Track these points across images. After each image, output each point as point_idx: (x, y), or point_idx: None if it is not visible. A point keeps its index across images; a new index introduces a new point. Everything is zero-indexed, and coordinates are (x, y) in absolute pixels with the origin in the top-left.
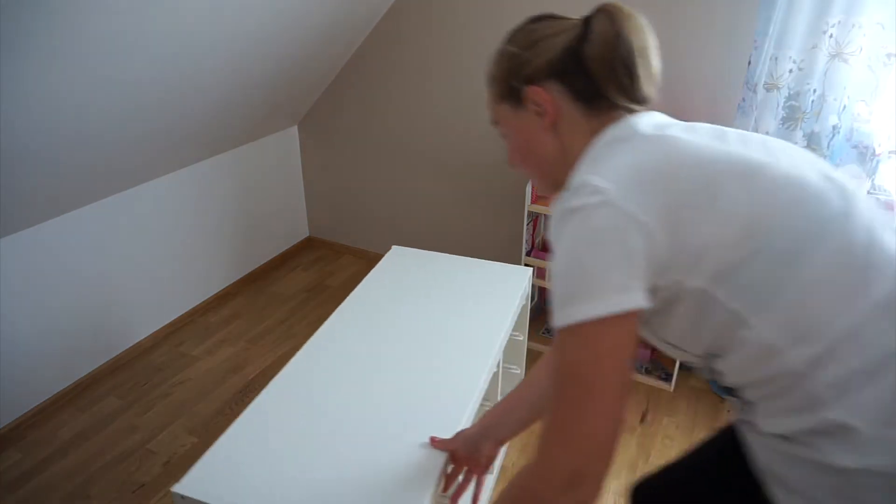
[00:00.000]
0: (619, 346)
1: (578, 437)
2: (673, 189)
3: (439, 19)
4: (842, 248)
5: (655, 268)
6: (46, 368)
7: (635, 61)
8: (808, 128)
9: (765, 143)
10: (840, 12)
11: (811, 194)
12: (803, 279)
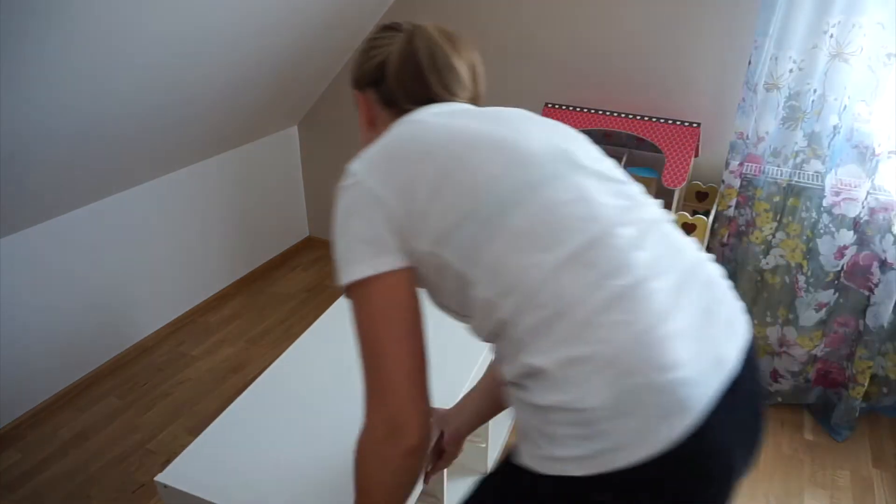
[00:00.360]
0: (389, 303)
1: (381, 390)
2: (410, 165)
3: (440, 18)
4: (544, 208)
5: (400, 236)
6: (46, 368)
7: (425, 74)
8: (808, 128)
9: (513, 118)
10: (840, 12)
11: (524, 161)
12: (505, 236)
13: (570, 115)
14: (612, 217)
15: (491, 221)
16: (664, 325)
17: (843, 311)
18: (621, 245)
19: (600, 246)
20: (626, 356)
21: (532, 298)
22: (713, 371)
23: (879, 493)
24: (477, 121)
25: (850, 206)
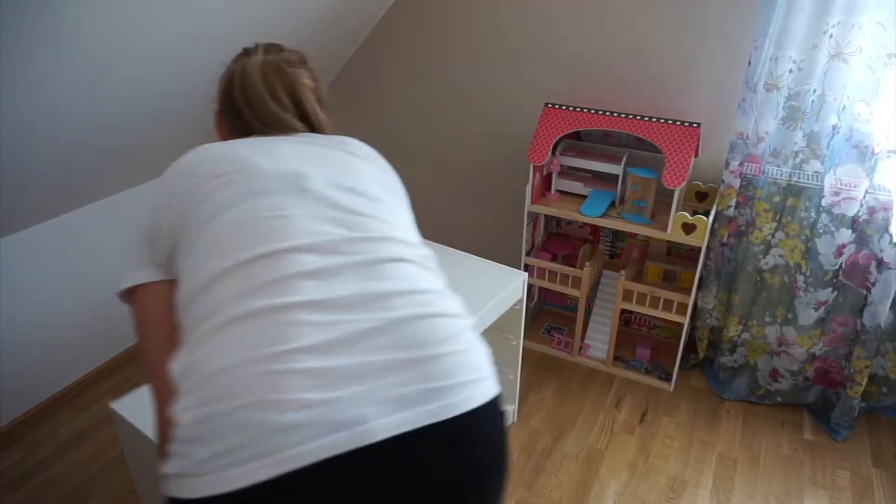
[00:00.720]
0: (145, 309)
1: (146, 364)
2: (179, 182)
3: (441, 18)
4: (239, 219)
5: (168, 246)
6: (46, 368)
7: (249, 100)
8: (807, 128)
9: (289, 151)
10: (840, 12)
11: (251, 177)
12: (202, 242)
13: (570, 115)
14: (308, 242)
15: (199, 230)
16: (295, 360)
17: (842, 311)
18: (294, 269)
19: (270, 264)
20: (223, 377)
21: (192, 301)
22: (345, 427)
23: (879, 493)
24: (251, 149)
25: (849, 206)
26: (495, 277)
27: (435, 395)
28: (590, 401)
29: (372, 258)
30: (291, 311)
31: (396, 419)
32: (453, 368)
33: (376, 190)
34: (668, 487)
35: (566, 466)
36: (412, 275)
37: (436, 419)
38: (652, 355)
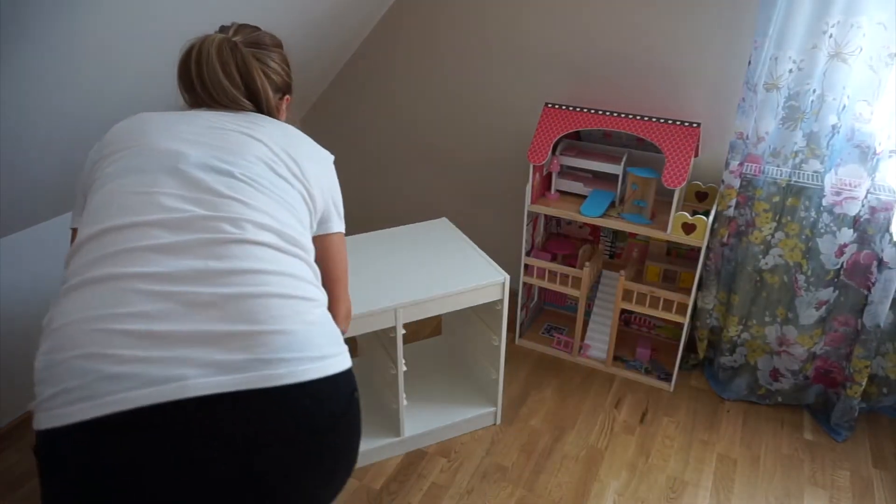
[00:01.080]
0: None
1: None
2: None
3: (441, 19)
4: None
5: None
6: None
7: (201, 74)
8: (807, 127)
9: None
10: (839, 13)
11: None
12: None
13: (570, 115)
14: (162, 218)
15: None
16: (125, 322)
17: (843, 310)
18: (143, 242)
19: (120, 235)
20: (66, 329)
21: (68, 261)
22: (163, 382)
23: (879, 493)
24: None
25: (850, 205)
26: (474, 271)
27: (256, 366)
28: (590, 401)
29: (221, 238)
30: (132, 280)
31: (215, 381)
32: (280, 345)
33: (258, 172)
34: (668, 487)
35: (566, 466)
36: (259, 256)
37: (252, 386)
38: (652, 355)
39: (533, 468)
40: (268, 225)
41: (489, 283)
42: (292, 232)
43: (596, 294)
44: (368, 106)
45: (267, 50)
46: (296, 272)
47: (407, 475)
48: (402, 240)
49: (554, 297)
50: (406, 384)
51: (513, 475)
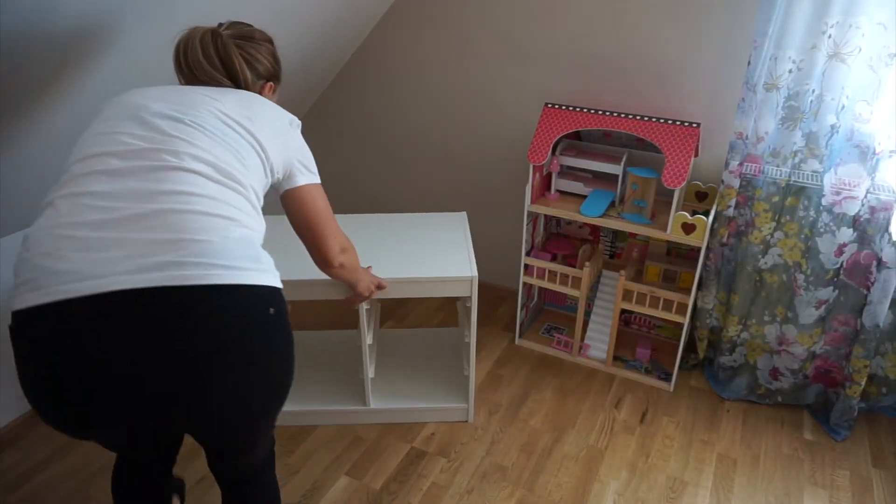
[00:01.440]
0: None
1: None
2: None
3: (441, 18)
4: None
5: None
6: None
7: (180, 62)
8: (806, 127)
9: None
10: (838, 13)
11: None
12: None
13: (570, 115)
14: (116, 150)
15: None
16: (74, 229)
17: (843, 310)
18: (99, 167)
19: (84, 163)
20: (35, 233)
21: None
22: (94, 278)
23: (879, 493)
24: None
25: (850, 205)
26: (450, 264)
27: (172, 267)
28: (590, 401)
29: (160, 165)
30: (85, 197)
31: (137, 278)
32: (196, 251)
33: (207, 120)
34: (668, 487)
35: (566, 466)
36: (190, 181)
37: (167, 283)
38: (652, 355)
39: (533, 468)
40: (203, 158)
41: (457, 277)
42: (229, 168)
43: (596, 294)
44: (368, 106)
45: (253, 42)
46: (222, 197)
47: (407, 475)
48: (405, 225)
49: (554, 297)
50: (388, 362)
51: (513, 475)
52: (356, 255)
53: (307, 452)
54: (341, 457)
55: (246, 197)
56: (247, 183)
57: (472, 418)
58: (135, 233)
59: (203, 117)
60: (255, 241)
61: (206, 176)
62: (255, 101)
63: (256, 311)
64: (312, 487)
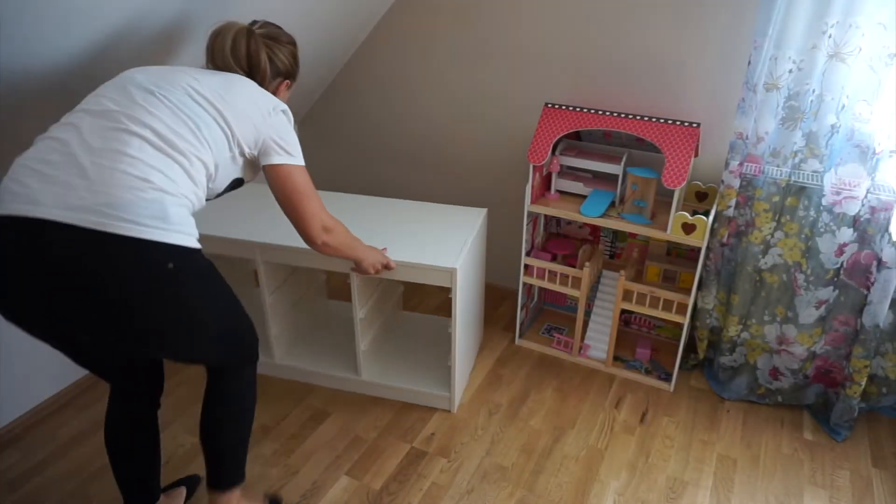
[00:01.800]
0: None
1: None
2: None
3: (441, 19)
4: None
5: None
6: (47, 368)
7: (213, 44)
8: (806, 127)
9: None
10: (839, 13)
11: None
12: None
13: (570, 115)
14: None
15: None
16: (34, 163)
17: (844, 310)
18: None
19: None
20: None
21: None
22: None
23: (879, 493)
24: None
25: (850, 205)
26: (440, 254)
27: (86, 211)
28: (590, 401)
29: (115, 126)
30: (54, 141)
31: (59, 213)
32: (107, 202)
33: (176, 96)
34: (668, 487)
35: (566, 466)
36: (134, 145)
37: (76, 223)
38: (652, 355)
39: (533, 468)
40: (153, 126)
41: (439, 267)
42: (176, 138)
43: (596, 294)
44: (368, 106)
45: (279, 42)
46: (153, 163)
47: (407, 475)
48: (421, 213)
49: (554, 297)
50: (391, 340)
51: (513, 475)
52: (345, 236)
53: (307, 452)
54: (341, 457)
55: (183, 166)
56: (192, 154)
57: (455, 409)
58: (74, 178)
59: (173, 92)
60: (167, 204)
61: (149, 142)
62: (238, 83)
63: (154, 266)
64: (312, 487)
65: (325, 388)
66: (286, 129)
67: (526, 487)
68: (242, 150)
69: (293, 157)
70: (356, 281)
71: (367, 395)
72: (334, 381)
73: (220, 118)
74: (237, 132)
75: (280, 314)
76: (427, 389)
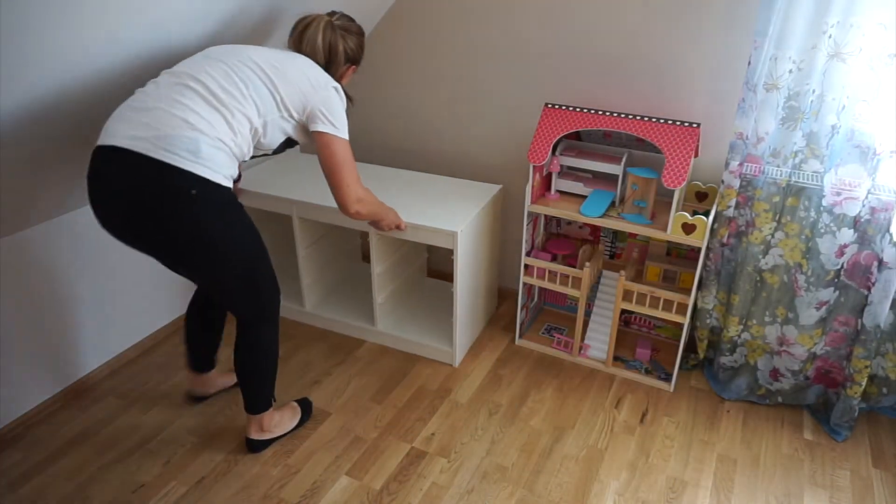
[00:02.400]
0: None
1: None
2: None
3: (441, 19)
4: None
5: None
6: (47, 368)
7: (297, 34)
8: (807, 128)
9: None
10: (839, 13)
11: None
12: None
13: (570, 115)
14: (174, 70)
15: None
16: (125, 109)
17: (844, 310)
18: (156, 79)
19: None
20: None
21: None
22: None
23: (879, 493)
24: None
25: (850, 205)
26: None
27: (142, 141)
28: (590, 401)
29: (181, 83)
30: (140, 92)
31: (124, 141)
32: (157, 136)
33: (233, 63)
34: (668, 487)
35: (566, 466)
36: (188, 96)
37: (134, 149)
38: (652, 355)
39: (533, 468)
40: (206, 84)
41: (441, 229)
42: (224, 95)
43: (596, 294)
44: (368, 106)
45: (350, 33)
46: (200, 111)
47: (407, 475)
48: (440, 186)
49: (554, 297)
50: (408, 301)
51: (513, 475)
52: (375, 206)
53: (307, 452)
54: (341, 457)
55: (224, 116)
56: (235, 108)
57: (457, 363)
58: (142, 118)
59: (232, 60)
60: (201, 143)
61: (200, 94)
62: (297, 59)
63: (175, 187)
64: (312, 487)
65: (347, 336)
66: (334, 104)
67: (526, 487)
68: (291, 114)
69: (336, 129)
70: (374, 239)
71: (381, 345)
72: (354, 329)
73: (269, 82)
74: (284, 96)
75: (313, 268)
76: (432, 343)
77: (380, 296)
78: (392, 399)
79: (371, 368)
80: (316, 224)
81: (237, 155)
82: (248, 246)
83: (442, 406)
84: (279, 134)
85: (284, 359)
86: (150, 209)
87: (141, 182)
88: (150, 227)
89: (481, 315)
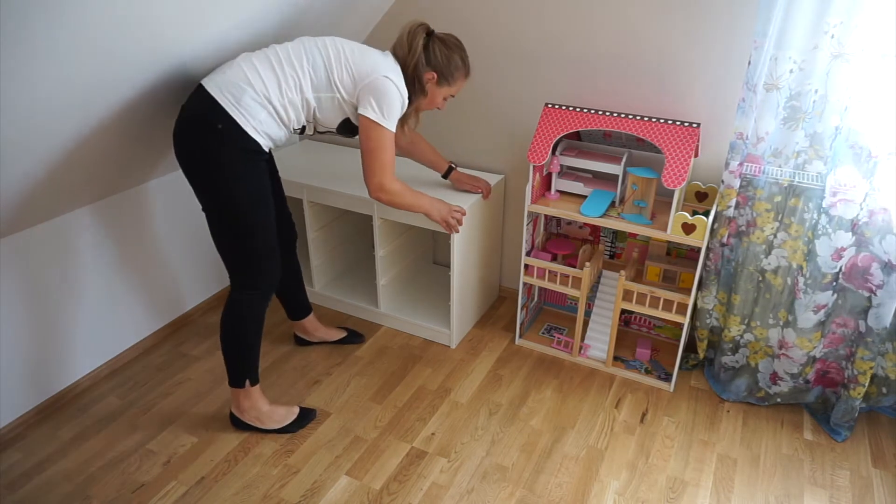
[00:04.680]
0: None
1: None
2: None
3: (441, 18)
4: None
5: None
6: (46, 368)
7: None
8: (809, 128)
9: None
10: (842, 12)
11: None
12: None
13: (570, 115)
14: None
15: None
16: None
17: (842, 313)
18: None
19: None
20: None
21: None
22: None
23: (879, 493)
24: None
25: (847, 208)
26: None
27: (215, 83)
28: (590, 401)
29: (263, 50)
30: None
31: (209, 84)
32: (224, 81)
33: (307, 45)
34: (668, 487)
35: (566, 466)
36: (260, 58)
37: (208, 87)
38: (652, 355)
39: (533, 468)
40: (277, 53)
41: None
42: (286, 64)
43: (596, 294)
44: None
45: (443, 42)
46: (260, 70)
47: (407, 475)
48: (433, 175)
49: (554, 297)
50: (412, 285)
51: (513, 475)
52: (403, 197)
53: (307, 452)
54: (341, 457)
55: (279, 80)
56: (291, 76)
57: (454, 345)
58: (227, 68)
59: (309, 43)
60: (247, 94)
61: (268, 59)
62: (366, 50)
63: (205, 115)
64: (312, 487)
65: (353, 316)
66: (384, 93)
67: (526, 487)
68: (342, 94)
69: (382, 117)
70: (378, 223)
71: (382, 326)
72: (359, 310)
73: (327, 61)
74: (335, 76)
75: (324, 250)
76: (431, 325)
77: (383, 278)
78: (392, 399)
79: (371, 368)
80: (327, 208)
81: (283, 118)
82: (250, 204)
83: (442, 406)
84: (337, 112)
85: (284, 359)
86: (182, 129)
87: (191, 104)
88: (178, 142)
89: (480, 300)
